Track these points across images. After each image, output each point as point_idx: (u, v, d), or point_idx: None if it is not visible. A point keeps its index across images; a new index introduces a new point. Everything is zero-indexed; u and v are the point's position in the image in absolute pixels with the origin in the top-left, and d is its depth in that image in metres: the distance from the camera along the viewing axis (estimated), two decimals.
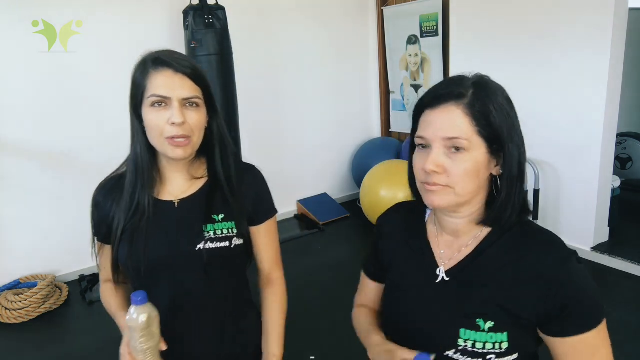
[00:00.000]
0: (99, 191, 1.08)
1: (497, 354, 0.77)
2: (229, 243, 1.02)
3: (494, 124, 0.76)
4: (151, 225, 1.00)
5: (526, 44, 3.23)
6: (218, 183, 1.04)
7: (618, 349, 2.16)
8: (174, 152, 0.96)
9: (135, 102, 0.98)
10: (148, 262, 0.99)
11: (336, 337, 2.39)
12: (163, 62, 0.95)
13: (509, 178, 0.79)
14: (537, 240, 0.80)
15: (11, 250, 3.10)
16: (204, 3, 3.06)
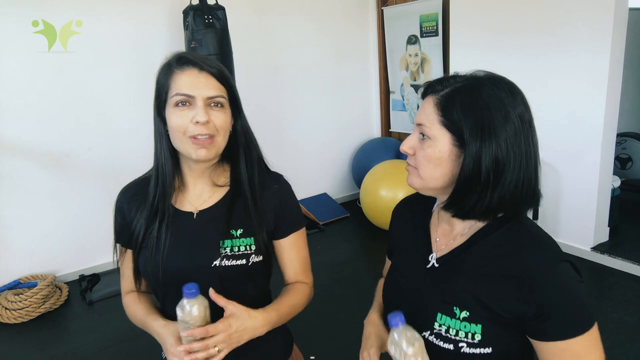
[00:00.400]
0: (122, 195, 1.05)
1: (468, 344, 0.78)
2: (246, 261, 0.97)
3: (454, 118, 0.78)
4: (170, 235, 0.97)
5: (526, 44, 3.23)
6: (240, 192, 1.00)
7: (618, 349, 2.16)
8: (197, 152, 0.92)
9: (158, 104, 0.96)
10: (165, 273, 0.96)
11: (336, 337, 2.39)
12: (188, 60, 0.93)
13: (462, 176, 0.78)
14: (528, 240, 0.80)
15: (11, 250, 3.10)
16: (204, 3, 3.06)
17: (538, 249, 0.79)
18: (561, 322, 0.75)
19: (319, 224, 4.04)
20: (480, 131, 0.77)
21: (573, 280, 0.77)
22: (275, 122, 4.10)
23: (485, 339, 0.78)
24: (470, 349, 0.78)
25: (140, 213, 1.00)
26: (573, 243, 3.28)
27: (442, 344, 0.80)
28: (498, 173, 0.77)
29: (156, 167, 0.99)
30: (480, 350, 0.78)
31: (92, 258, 3.37)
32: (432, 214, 0.95)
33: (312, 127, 4.35)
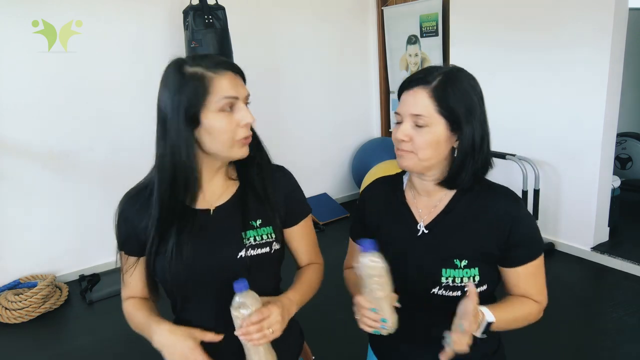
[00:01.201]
0: (128, 202, 1.02)
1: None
2: (269, 249, 1.00)
3: (451, 106, 0.92)
4: (189, 237, 0.96)
5: (526, 43, 3.23)
6: (250, 186, 1.03)
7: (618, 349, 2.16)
8: (242, 150, 0.96)
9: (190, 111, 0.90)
10: (191, 274, 0.96)
11: (336, 337, 2.39)
12: (223, 63, 0.93)
13: (462, 151, 0.95)
14: (493, 192, 1.01)
15: (11, 250, 3.10)
16: (204, 3, 3.06)
17: (505, 197, 0.99)
18: (529, 248, 0.98)
19: (319, 224, 4.04)
20: (469, 115, 0.94)
21: (531, 216, 1.01)
22: (275, 121, 4.10)
23: (482, 279, 0.96)
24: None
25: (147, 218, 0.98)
26: (573, 243, 3.28)
27: (451, 294, 0.95)
28: (482, 145, 0.96)
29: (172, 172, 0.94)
30: (480, 288, 0.95)
31: (92, 258, 3.37)
32: (404, 192, 1.08)
33: (312, 127, 4.34)
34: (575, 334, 2.41)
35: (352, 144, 4.65)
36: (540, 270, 1.01)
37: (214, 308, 0.98)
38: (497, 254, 0.98)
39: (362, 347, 1.25)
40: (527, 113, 3.33)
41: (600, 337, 2.38)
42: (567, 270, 3.10)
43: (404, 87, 0.97)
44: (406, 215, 1.05)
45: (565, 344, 2.32)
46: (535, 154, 3.30)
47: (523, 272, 0.99)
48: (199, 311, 1.00)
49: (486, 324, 0.90)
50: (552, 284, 3.10)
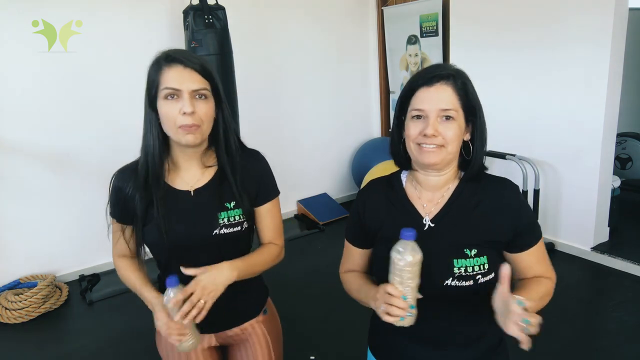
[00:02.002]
0: (119, 176, 1.19)
1: (482, 274, 0.98)
2: (240, 228, 1.16)
3: (471, 99, 1.00)
4: (172, 212, 1.12)
5: (526, 44, 3.23)
6: (226, 172, 1.15)
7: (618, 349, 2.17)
8: (185, 137, 1.06)
9: (150, 96, 1.10)
10: (170, 245, 1.12)
11: (336, 337, 2.39)
12: (174, 58, 1.07)
13: (479, 141, 1.02)
14: (493, 182, 1.06)
15: (11, 250, 3.10)
16: (204, 3, 3.06)
17: (505, 187, 1.05)
18: (533, 232, 1.04)
19: (319, 224, 4.04)
20: (480, 109, 1.02)
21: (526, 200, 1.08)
22: (275, 121, 4.10)
23: (491, 266, 0.99)
24: (483, 278, 0.98)
25: (139, 192, 1.13)
26: (573, 243, 3.28)
27: (463, 283, 0.98)
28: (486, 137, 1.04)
29: (145, 153, 1.14)
30: (489, 277, 0.99)
31: (92, 258, 3.37)
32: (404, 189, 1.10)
33: (312, 127, 4.35)
34: (575, 334, 2.41)
35: (352, 144, 4.65)
36: (544, 249, 1.07)
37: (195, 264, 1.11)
38: (503, 241, 1.02)
39: (361, 347, 1.25)
40: (527, 113, 3.33)
41: (600, 337, 2.38)
42: (567, 270, 3.10)
43: (422, 83, 0.99)
44: (410, 211, 1.06)
45: (565, 344, 2.32)
46: (535, 154, 3.30)
47: (533, 255, 1.04)
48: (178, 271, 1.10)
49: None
50: None
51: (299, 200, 4.34)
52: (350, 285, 1.15)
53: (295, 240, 3.79)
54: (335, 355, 2.27)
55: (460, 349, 1.04)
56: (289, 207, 4.34)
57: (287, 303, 2.77)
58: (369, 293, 1.05)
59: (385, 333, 1.12)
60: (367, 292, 1.06)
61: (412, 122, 1.00)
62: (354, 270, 1.19)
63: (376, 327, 1.17)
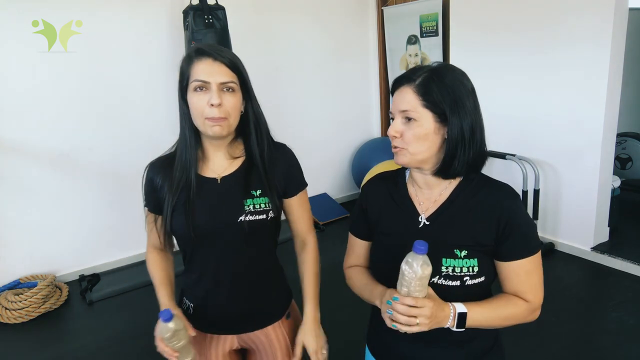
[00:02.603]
0: (151, 168, 1.22)
1: (470, 276, 0.98)
2: (265, 216, 1.16)
3: (435, 99, 0.97)
4: (198, 199, 1.15)
5: (526, 44, 3.23)
6: (254, 162, 1.18)
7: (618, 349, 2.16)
8: (212, 129, 1.09)
9: (181, 88, 1.13)
10: (197, 231, 1.13)
11: (336, 336, 2.39)
12: (204, 52, 1.10)
13: (451, 140, 0.99)
14: (493, 187, 1.04)
15: (11, 250, 3.10)
16: (204, 3, 3.06)
17: (504, 192, 1.03)
18: (523, 243, 1.00)
19: (319, 224, 4.04)
20: (455, 106, 0.97)
21: (527, 214, 1.04)
22: (275, 121, 4.02)
23: (481, 269, 0.99)
24: (472, 280, 0.98)
25: (169, 182, 1.17)
26: (573, 243, 3.28)
27: (450, 283, 0.98)
28: (472, 135, 0.99)
29: (183, 142, 1.16)
30: (478, 279, 0.99)
31: (92, 258, 3.37)
32: (406, 185, 1.11)
33: (312, 127, 4.34)
34: (575, 334, 2.40)
35: (352, 144, 4.65)
36: (537, 269, 1.02)
37: (215, 261, 1.18)
38: (491, 246, 1.01)
39: (361, 346, 1.25)
40: (528, 113, 3.33)
41: (600, 337, 2.38)
42: (567, 270, 3.10)
43: (394, 88, 1.03)
44: (408, 207, 1.08)
45: (565, 344, 2.32)
46: (535, 154, 3.30)
47: (517, 268, 1.01)
48: (203, 262, 1.18)
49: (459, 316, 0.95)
50: (552, 284, 3.11)
51: None
52: (354, 282, 1.17)
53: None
54: (335, 355, 2.27)
55: (454, 348, 1.05)
56: None
57: None
58: (373, 291, 1.07)
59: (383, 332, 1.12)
60: (371, 290, 1.08)
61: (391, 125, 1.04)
62: (357, 265, 1.20)
63: (374, 326, 1.18)
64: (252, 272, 1.21)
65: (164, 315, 1.05)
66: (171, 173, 1.17)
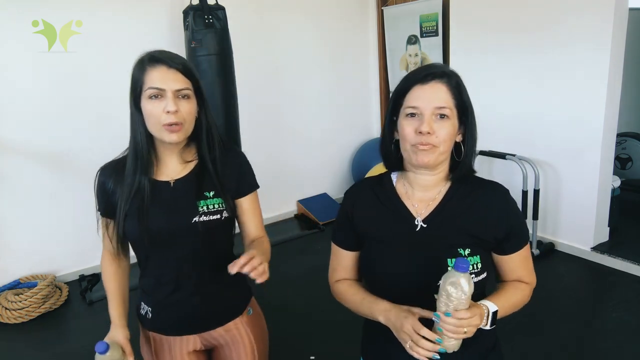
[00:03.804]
0: (102, 172, 1.22)
1: (475, 273, 0.99)
2: (219, 216, 1.18)
3: (464, 98, 1.00)
4: (152, 203, 1.15)
5: (526, 44, 3.23)
6: (206, 165, 1.20)
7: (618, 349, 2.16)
8: (170, 136, 1.10)
9: (134, 95, 1.13)
10: (151, 234, 1.14)
11: (336, 337, 2.39)
12: (158, 59, 1.10)
13: (470, 142, 1.03)
14: (485, 186, 1.07)
15: (11, 250, 3.10)
16: (204, 3, 3.05)
17: (497, 190, 1.06)
18: (519, 236, 1.05)
19: (319, 224, 4.04)
20: (471, 110, 1.02)
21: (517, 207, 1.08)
22: (275, 122, 4.10)
23: (483, 266, 1.00)
24: (477, 277, 0.99)
25: (121, 187, 1.16)
26: (573, 243, 3.28)
27: None
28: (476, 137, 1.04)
29: (134, 149, 1.16)
30: (482, 276, 1.00)
31: (92, 258, 3.36)
32: (394, 188, 1.09)
33: (312, 126, 4.34)
34: (575, 334, 2.41)
35: (352, 144, 4.65)
36: (529, 253, 1.09)
37: (173, 264, 1.19)
38: (493, 242, 1.03)
39: (359, 349, 1.25)
40: (527, 113, 3.33)
41: (600, 337, 2.38)
42: (567, 270, 3.10)
43: (416, 81, 0.99)
44: (402, 211, 1.05)
45: (565, 344, 2.32)
46: (535, 154, 3.30)
47: (518, 258, 1.06)
48: (160, 265, 1.20)
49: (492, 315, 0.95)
50: (552, 284, 3.11)
51: (299, 200, 4.34)
52: (347, 297, 1.11)
53: (295, 240, 3.79)
54: (334, 355, 2.27)
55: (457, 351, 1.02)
56: (289, 207, 4.34)
57: (287, 303, 2.77)
58: (374, 307, 1.02)
59: (378, 341, 1.10)
60: (371, 306, 1.03)
61: (406, 121, 0.99)
62: (346, 278, 1.15)
63: (368, 335, 1.15)
64: (211, 272, 1.22)
65: (99, 348, 1.09)
66: (123, 178, 1.17)
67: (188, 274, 1.20)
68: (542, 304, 2.65)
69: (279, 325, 1.15)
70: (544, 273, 3.02)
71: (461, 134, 1.04)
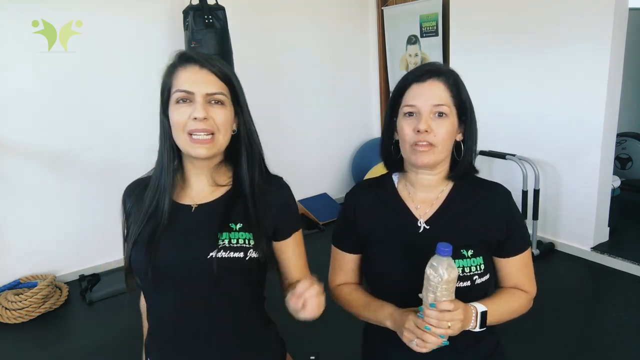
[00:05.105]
0: (126, 190, 1.06)
1: (479, 275, 0.99)
2: (243, 254, 0.93)
3: (463, 97, 0.98)
4: (166, 230, 0.95)
5: (526, 44, 3.23)
6: (241, 192, 0.98)
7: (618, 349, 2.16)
8: (196, 150, 0.91)
9: (163, 102, 0.96)
10: (155, 267, 0.93)
11: (336, 337, 2.39)
12: (190, 58, 0.94)
13: (469, 141, 1.02)
14: (487, 187, 1.06)
15: (11, 250, 3.10)
16: (204, 3, 3.06)
17: (498, 191, 1.05)
18: (520, 239, 1.04)
19: (319, 224, 4.04)
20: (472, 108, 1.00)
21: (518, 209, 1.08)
22: (275, 122, 4.10)
23: (486, 267, 1.00)
24: (480, 279, 0.99)
25: (137, 208, 0.99)
26: (573, 243, 3.28)
27: (461, 284, 0.96)
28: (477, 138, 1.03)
29: (159, 165, 0.99)
30: (484, 278, 1.00)
31: (92, 258, 3.37)
32: (396, 190, 1.08)
33: (312, 126, 4.34)
34: (575, 334, 2.40)
35: (352, 144, 4.65)
36: (530, 261, 1.07)
37: (173, 306, 0.96)
38: (495, 244, 1.03)
39: (359, 348, 1.25)
40: (528, 113, 3.33)
41: (600, 336, 2.38)
42: (567, 270, 3.10)
43: (413, 79, 0.98)
44: (405, 213, 1.05)
45: (565, 344, 2.32)
46: (535, 154, 3.30)
47: (517, 262, 1.04)
48: (161, 313, 0.98)
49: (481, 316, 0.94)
50: (552, 284, 3.10)
51: (299, 200, 4.34)
52: (349, 302, 1.09)
53: None
54: (335, 355, 2.27)
55: (456, 354, 1.02)
56: None
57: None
58: (379, 311, 1.01)
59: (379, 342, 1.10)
60: (375, 310, 1.02)
61: (405, 120, 0.98)
62: (347, 282, 1.13)
63: (369, 337, 1.15)
64: (226, 327, 0.97)
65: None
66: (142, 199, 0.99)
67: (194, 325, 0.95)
68: (542, 304, 2.64)
69: (278, 325, 1.14)
70: (544, 273, 3.02)
71: (461, 133, 1.03)
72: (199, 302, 0.94)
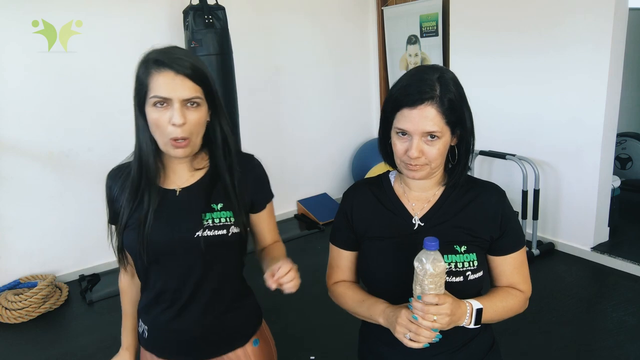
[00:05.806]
0: (110, 176, 1.15)
1: (472, 271, 1.00)
2: (226, 231, 1.06)
3: (457, 112, 0.96)
4: (154, 213, 1.05)
5: (526, 44, 3.23)
6: (218, 174, 1.09)
7: (618, 349, 2.16)
8: (175, 152, 1.01)
9: (139, 99, 1.03)
10: (150, 248, 1.04)
11: (336, 337, 2.39)
12: (163, 63, 0.98)
13: (465, 147, 1.02)
14: (481, 186, 1.08)
15: (11, 250, 3.10)
16: (204, 3, 3.06)
17: (493, 190, 1.07)
18: (514, 238, 1.05)
19: (319, 224, 4.04)
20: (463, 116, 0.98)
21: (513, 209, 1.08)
22: (275, 122, 4.10)
23: (479, 264, 1.01)
24: (473, 275, 1.00)
25: (123, 193, 1.08)
26: (573, 243, 3.28)
27: (453, 279, 0.98)
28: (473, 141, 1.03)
29: (138, 154, 1.06)
30: (478, 274, 1.01)
31: (92, 258, 3.37)
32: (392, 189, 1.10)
33: (311, 127, 4.35)
34: (575, 334, 2.41)
35: (352, 144, 4.65)
36: (525, 260, 1.08)
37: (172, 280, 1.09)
38: (489, 242, 1.04)
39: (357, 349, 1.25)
40: (528, 113, 3.33)
41: (600, 337, 2.38)
42: (567, 270, 3.10)
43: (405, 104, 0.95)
44: (400, 210, 1.07)
45: (565, 344, 2.32)
46: (535, 154, 3.30)
47: (512, 261, 1.05)
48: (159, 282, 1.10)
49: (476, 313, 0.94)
50: (552, 284, 3.10)
51: (299, 200, 4.34)
52: (345, 299, 1.11)
53: (295, 240, 3.79)
54: (335, 356, 2.27)
55: (450, 353, 1.02)
56: (289, 207, 4.34)
57: (287, 303, 2.77)
58: (372, 308, 1.02)
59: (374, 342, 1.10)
60: (369, 307, 1.03)
61: (397, 138, 0.98)
62: (344, 280, 1.15)
63: (365, 336, 1.15)
64: (212, 294, 1.10)
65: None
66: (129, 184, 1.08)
67: (186, 295, 1.09)
68: (542, 304, 2.65)
69: (278, 325, 1.14)
70: (544, 273, 3.02)
71: (456, 138, 1.01)
72: (190, 273, 1.07)
